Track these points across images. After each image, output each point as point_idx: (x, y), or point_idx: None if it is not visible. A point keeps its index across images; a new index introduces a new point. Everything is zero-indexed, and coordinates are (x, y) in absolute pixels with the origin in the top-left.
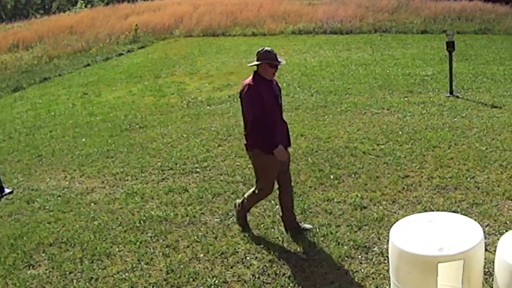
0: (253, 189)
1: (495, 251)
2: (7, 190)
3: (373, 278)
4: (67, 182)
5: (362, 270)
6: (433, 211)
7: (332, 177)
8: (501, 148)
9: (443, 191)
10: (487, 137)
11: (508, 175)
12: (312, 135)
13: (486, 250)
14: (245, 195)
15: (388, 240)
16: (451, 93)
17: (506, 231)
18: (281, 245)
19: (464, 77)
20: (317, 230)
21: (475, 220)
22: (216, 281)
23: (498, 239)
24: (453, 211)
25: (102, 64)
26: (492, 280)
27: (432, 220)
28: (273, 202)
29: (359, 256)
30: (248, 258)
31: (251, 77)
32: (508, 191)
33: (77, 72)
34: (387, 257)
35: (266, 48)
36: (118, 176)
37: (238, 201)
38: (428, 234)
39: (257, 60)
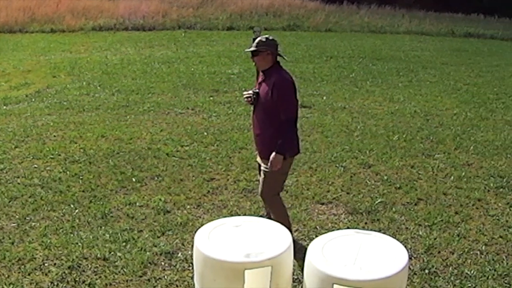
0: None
1: (304, 257)
2: None
3: (177, 286)
4: None
5: (166, 277)
6: (239, 215)
7: (134, 180)
8: (310, 149)
9: (250, 194)
10: None
11: (317, 178)
12: (114, 136)
13: (295, 256)
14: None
15: (192, 246)
16: None
17: (316, 236)
18: (81, 251)
19: None
20: (119, 235)
21: None
22: None
23: (308, 244)
24: (261, 216)
25: None
26: (301, 287)
27: (238, 225)
28: (72, 206)
29: (163, 263)
30: (46, 264)
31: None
32: (318, 194)
33: None
34: (192, 263)
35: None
36: None
37: None
38: (235, 240)
39: None
